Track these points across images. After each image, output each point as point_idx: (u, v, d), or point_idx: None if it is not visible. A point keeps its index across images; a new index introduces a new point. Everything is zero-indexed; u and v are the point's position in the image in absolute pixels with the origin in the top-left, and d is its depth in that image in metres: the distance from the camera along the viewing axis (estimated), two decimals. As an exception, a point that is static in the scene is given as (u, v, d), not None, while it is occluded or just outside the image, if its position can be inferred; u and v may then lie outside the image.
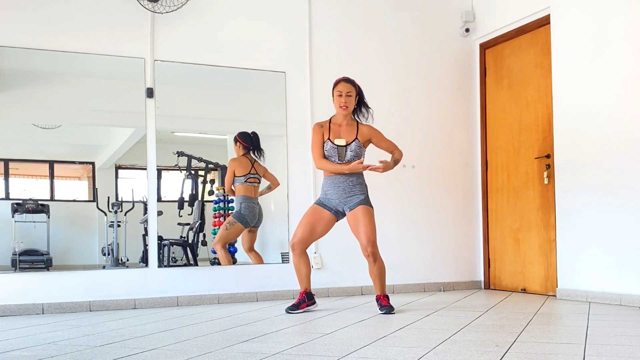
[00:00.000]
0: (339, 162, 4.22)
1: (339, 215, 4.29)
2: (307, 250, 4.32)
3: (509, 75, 5.63)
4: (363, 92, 4.38)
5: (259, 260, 5.25)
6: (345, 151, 4.21)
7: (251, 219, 5.21)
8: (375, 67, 5.64)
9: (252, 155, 5.28)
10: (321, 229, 4.27)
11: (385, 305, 4.17)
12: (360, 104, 4.36)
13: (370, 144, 4.40)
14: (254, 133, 5.27)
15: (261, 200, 5.31)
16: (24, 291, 4.44)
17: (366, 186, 4.32)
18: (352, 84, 4.27)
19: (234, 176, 5.22)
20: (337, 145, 4.21)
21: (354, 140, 4.24)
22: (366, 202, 4.23)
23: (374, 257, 4.17)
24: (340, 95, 4.23)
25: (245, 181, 5.20)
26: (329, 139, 4.24)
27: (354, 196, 4.22)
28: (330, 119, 4.33)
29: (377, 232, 4.24)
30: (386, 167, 4.19)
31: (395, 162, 4.35)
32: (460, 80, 5.97)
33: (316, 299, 4.41)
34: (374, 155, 5.57)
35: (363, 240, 4.14)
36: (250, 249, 5.27)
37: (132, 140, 5.05)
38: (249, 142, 5.25)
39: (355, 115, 4.38)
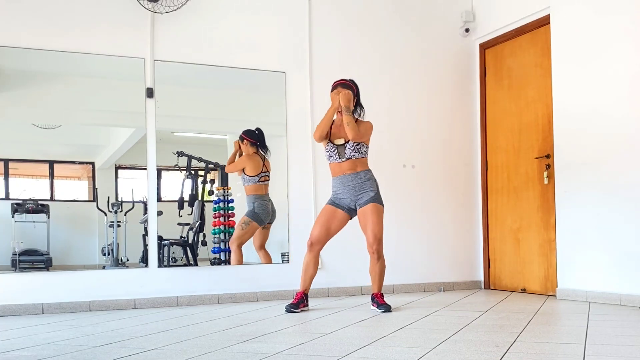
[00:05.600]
0: (339, 160, 4.26)
1: (352, 213, 4.36)
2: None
3: (509, 75, 5.63)
4: (360, 93, 4.44)
5: (268, 259, 5.23)
6: (344, 149, 4.26)
7: (265, 217, 5.22)
8: (375, 67, 5.64)
9: (261, 152, 5.27)
10: (335, 227, 4.33)
11: (383, 304, 4.23)
12: (357, 104, 4.41)
13: (372, 137, 4.42)
14: (258, 129, 5.27)
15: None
16: (24, 291, 4.44)
17: (376, 182, 4.36)
18: (349, 87, 4.31)
19: (244, 174, 5.22)
20: (336, 145, 4.27)
21: None
22: (376, 199, 4.28)
23: (379, 254, 4.26)
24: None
25: (258, 181, 5.20)
26: (329, 140, 4.29)
27: (364, 193, 4.28)
28: (332, 121, 4.36)
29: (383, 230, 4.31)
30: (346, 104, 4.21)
31: (347, 122, 4.21)
32: (460, 80, 5.97)
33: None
34: (379, 153, 5.58)
35: (370, 237, 4.23)
36: (261, 247, 5.26)
37: (132, 140, 5.05)
38: (256, 138, 5.25)
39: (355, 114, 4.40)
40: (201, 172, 5.36)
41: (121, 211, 5.02)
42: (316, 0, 5.47)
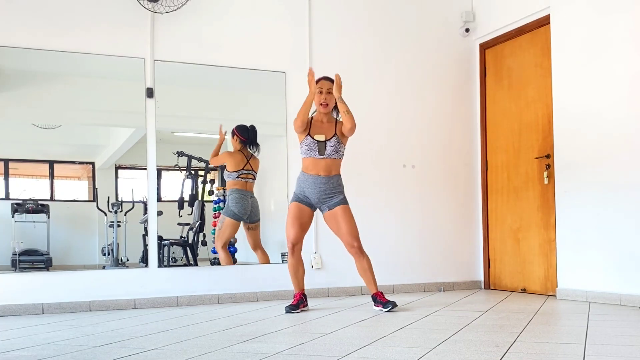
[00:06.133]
0: (319, 156, 4.25)
1: (315, 209, 4.39)
2: (305, 251, 4.43)
3: (509, 75, 5.63)
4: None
5: (265, 259, 5.23)
6: (325, 146, 4.26)
7: (240, 211, 5.18)
8: (375, 66, 5.64)
9: (248, 149, 5.27)
10: (306, 223, 4.35)
11: (387, 302, 4.22)
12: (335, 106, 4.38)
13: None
14: (252, 126, 5.27)
15: (261, 201, 5.31)
16: (24, 291, 4.44)
17: (343, 184, 4.39)
18: (332, 82, 4.31)
19: (226, 170, 5.24)
20: (317, 141, 4.25)
21: (333, 136, 4.29)
22: (344, 201, 4.34)
23: (361, 251, 4.29)
24: (321, 93, 4.29)
25: (237, 177, 5.20)
26: (309, 134, 4.28)
27: (333, 196, 4.31)
28: (312, 117, 4.36)
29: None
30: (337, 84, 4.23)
31: (346, 110, 4.20)
32: (460, 80, 5.97)
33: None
34: (379, 153, 5.58)
35: (348, 237, 4.26)
36: (255, 247, 5.26)
37: (132, 140, 5.05)
38: (246, 136, 5.25)
39: (334, 113, 4.40)
40: (201, 172, 5.37)
41: (121, 211, 5.02)
42: (316, 0, 5.47)
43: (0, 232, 4.69)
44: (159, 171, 4.97)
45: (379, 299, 4.27)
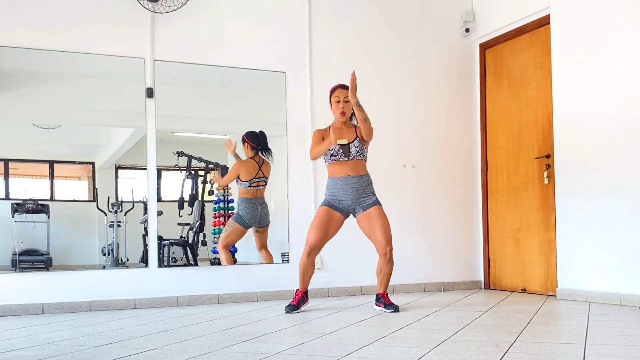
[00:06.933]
0: (345, 158, 4.24)
1: (347, 215, 4.35)
2: None
3: (509, 75, 5.64)
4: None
5: (269, 260, 5.23)
6: (349, 148, 4.25)
7: (250, 220, 5.20)
8: (375, 67, 5.64)
9: (260, 155, 5.26)
10: (332, 231, 4.31)
11: (391, 304, 4.24)
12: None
13: (371, 142, 4.44)
14: (261, 132, 5.26)
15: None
16: (24, 291, 4.44)
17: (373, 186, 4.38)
18: (348, 89, 4.30)
19: (239, 179, 5.22)
20: (341, 145, 4.25)
21: (355, 139, 4.29)
22: (378, 202, 4.31)
23: (391, 255, 4.27)
24: (339, 102, 4.30)
25: (248, 186, 5.20)
26: None
27: (367, 197, 4.28)
28: (329, 126, 4.37)
29: None
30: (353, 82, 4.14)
31: (364, 118, 4.18)
32: (460, 80, 5.97)
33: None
34: (379, 153, 5.58)
35: (382, 240, 4.22)
36: (261, 248, 5.27)
37: (132, 140, 5.05)
38: (257, 142, 5.24)
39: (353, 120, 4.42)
40: (201, 172, 5.36)
41: (121, 211, 5.02)
42: (316, 0, 5.47)
43: (0, 232, 4.69)
44: (159, 171, 4.97)
45: (383, 299, 4.28)
